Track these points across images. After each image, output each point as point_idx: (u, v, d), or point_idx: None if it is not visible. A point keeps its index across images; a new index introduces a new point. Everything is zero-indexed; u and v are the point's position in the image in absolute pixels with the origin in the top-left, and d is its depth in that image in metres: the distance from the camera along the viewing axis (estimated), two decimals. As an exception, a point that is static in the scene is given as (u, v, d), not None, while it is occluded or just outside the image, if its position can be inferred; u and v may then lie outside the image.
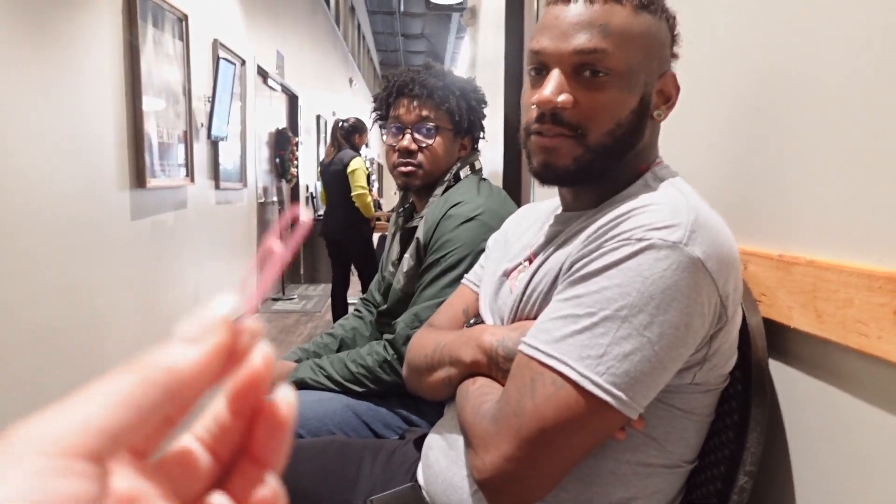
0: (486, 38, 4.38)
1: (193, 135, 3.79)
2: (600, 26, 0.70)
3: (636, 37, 0.71)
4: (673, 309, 0.63)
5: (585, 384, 0.62)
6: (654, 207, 0.66)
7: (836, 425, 0.70)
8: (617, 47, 0.70)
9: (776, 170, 0.81)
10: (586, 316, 0.64)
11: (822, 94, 0.72)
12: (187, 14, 3.60)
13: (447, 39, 14.15)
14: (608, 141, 0.73)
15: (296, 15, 7.00)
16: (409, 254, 1.36)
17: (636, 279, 0.63)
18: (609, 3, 0.71)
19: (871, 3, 0.65)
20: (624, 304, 0.63)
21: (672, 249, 0.63)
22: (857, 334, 0.63)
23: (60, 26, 2.47)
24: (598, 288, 0.64)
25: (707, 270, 0.64)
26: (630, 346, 0.62)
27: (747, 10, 0.89)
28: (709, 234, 0.65)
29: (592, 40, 0.70)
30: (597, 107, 0.72)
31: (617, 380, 0.62)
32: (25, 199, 2.27)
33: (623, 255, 0.64)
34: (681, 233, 0.64)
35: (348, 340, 1.54)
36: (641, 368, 0.62)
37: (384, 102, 1.44)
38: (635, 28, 0.71)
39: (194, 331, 0.23)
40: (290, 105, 6.97)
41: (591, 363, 0.62)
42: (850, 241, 0.67)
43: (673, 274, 0.62)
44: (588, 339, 0.63)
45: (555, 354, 0.64)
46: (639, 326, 0.62)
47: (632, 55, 0.71)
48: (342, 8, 11.20)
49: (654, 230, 0.64)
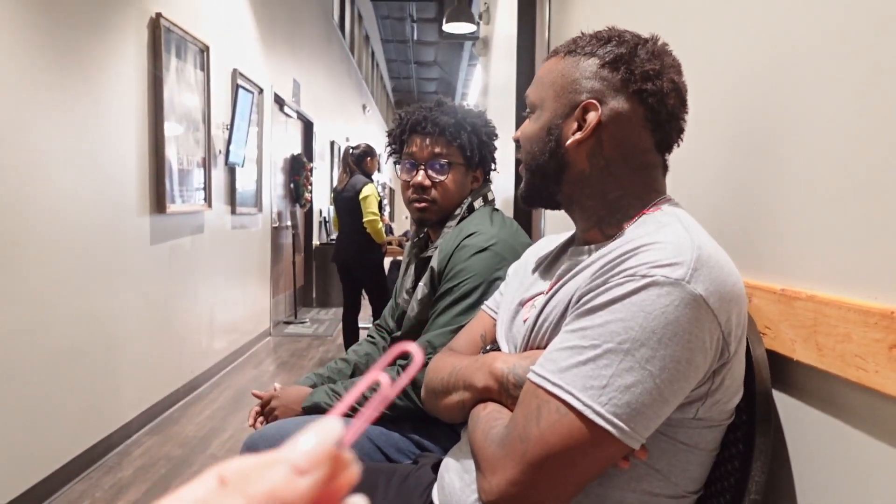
0: (498, 67, 4.47)
1: (212, 161, 3.88)
2: (536, 77, 0.89)
3: (548, 79, 0.86)
4: (674, 344, 0.65)
5: (588, 413, 0.65)
6: (658, 245, 0.70)
7: (839, 456, 0.72)
8: (533, 91, 0.88)
9: (778, 206, 0.84)
10: (591, 348, 0.67)
11: (823, 134, 0.76)
12: (209, 45, 3.71)
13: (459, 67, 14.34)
14: (532, 163, 0.88)
15: (312, 44, 7.15)
16: (424, 282, 1.40)
17: (639, 314, 0.66)
18: (550, 58, 0.88)
19: (872, 37, 0.68)
20: (627, 337, 0.66)
21: (674, 286, 0.66)
22: (856, 368, 0.66)
23: (89, 57, 2.57)
24: (602, 321, 0.68)
25: (709, 307, 0.67)
26: (632, 378, 0.65)
27: (747, 43, 0.93)
28: (711, 272, 0.68)
29: (528, 88, 0.89)
30: (523, 137, 0.89)
31: (618, 410, 0.65)
32: (51, 223, 2.34)
33: (627, 290, 0.67)
34: (683, 270, 0.67)
35: (362, 366, 1.57)
36: (643, 400, 0.65)
37: (398, 139, 1.49)
38: (551, 72, 0.86)
39: (303, 459, 0.22)
40: (305, 131, 7.09)
41: (595, 393, 0.65)
42: (848, 277, 0.70)
43: (675, 310, 0.65)
44: (592, 371, 0.66)
45: (560, 383, 0.67)
46: (641, 360, 0.65)
47: (542, 95, 0.87)
48: (357, 37, 11.42)
49: (657, 267, 0.67)
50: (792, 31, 0.82)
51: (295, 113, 6.44)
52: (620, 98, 0.80)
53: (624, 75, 0.80)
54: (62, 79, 2.40)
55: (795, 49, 0.81)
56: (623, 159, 0.82)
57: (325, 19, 8.02)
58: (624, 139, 0.81)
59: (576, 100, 0.82)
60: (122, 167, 2.84)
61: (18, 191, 2.15)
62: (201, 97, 3.70)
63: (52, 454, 2.39)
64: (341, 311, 4.36)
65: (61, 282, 2.42)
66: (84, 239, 2.56)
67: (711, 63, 1.05)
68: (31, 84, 2.21)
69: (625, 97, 0.80)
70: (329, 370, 1.57)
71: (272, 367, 4.50)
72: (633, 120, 0.80)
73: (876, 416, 0.66)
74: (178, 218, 3.45)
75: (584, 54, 0.83)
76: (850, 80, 0.71)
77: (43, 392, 2.32)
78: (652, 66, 0.80)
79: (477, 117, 1.48)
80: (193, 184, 3.62)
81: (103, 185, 2.70)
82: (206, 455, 2.83)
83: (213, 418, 3.32)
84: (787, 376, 0.82)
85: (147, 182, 3.07)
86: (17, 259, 2.16)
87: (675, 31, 1.17)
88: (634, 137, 0.81)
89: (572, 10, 2.21)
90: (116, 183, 2.80)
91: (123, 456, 2.78)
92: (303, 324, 5.99)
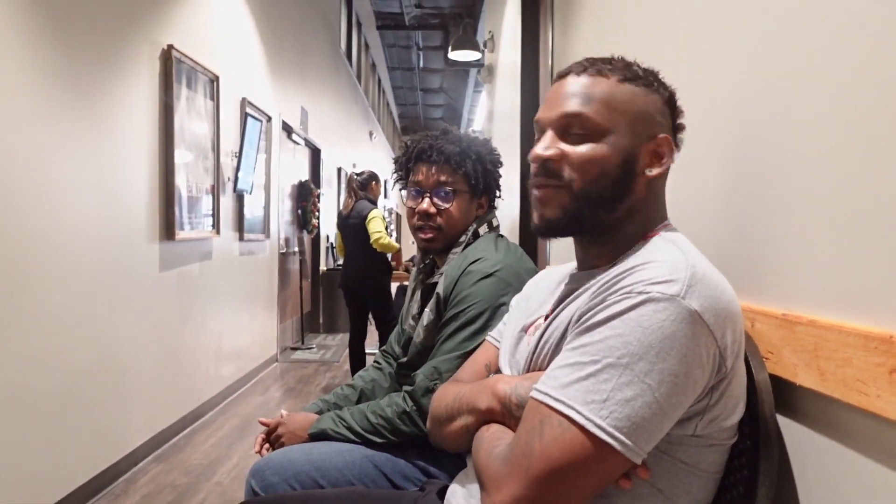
0: (503, 93, 4.52)
1: (220, 188, 3.92)
2: (584, 94, 0.82)
3: (618, 103, 0.81)
4: (672, 357, 0.67)
5: (590, 427, 0.66)
6: (654, 264, 0.72)
7: (843, 481, 0.72)
8: (596, 111, 0.81)
9: (778, 230, 0.85)
10: (591, 363, 0.69)
11: (822, 159, 0.77)
12: (218, 75, 3.79)
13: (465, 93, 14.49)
14: (592, 189, 0.81)
15: (320, 73, 7.27)
16: (430, 308, 1.41)
17: (636, 329, 0.68)
18: (594, 76, 0.83)
19: (873, 56, 0.70)
20: (625, 352, 0.67)
21: (670, 302, 0.68)
22: (858, 392, 0.66)
23: (103, 88, 2.62)
24: (601, 337, 0.69)
25: (704, 322, 0.69)
26: (631, 391, 0.66)
27: (746, 66, 0.95)
28: (706, 289, 0.70)
29: (575, 105, 0.82)
30: (581, 158, 0.81)
31: (619, 423, 0.66)
32: (61, 250, 2.37)
33: (624, 307, 0.69)
34: (678, 287, 0.69)
35: (368, 392, 1.58)
36: (642, 413, 0.66)
37: (404, 167, 1.52)
38: (618, 96, 0.82)
39: None
40: (313, 158, 7.17)
41: (595, 407, 0.67)
42: (848, 301, 0.71)
43: (671, 325, 0.67)
44: (592, 385, 0.68)
45: (562, 399, 0.69)
46: (639, 373, 0.67)
47: (612, 118, 0.81)
48: (363, 65, 11.59)
49: (653, 284, 0.70)
50: (791, 53, 0.84)
51: (303, 140, 6.52)
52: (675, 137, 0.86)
53: (674, 116, 0.86)
54: (76, 109, 2.45)
55: (794, 72, 0.83)
56: (662, 191, 0.86)
57: (333, 48, 8.16)
58: (668, 170, 0.85)
59: (652, 132, 0.82)
60: (132, 195, 2.88)
61: (30, 218, 2.19)
62: (211, 125, 3.76)
63: (60, 481, 2.39)
64: (348, 337, 4.37)
65: (71, 308, 2.45)
66: (94, 266, 2.59)
67: (710, 86, 1.07)
68: (46, 114, 2.26)
69: (673, 136, 0.85)
70: (336, 396, 1.57)
71: (279, 394, 4.49)
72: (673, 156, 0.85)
73: (879, 441, 0.66)
74: (187, 245, 3.48)
75: (645, 86, 0.83)
76: (850, 101, 0.72)
77: (51, 418, 2.33)
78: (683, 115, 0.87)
79: (482, 145, 1.50)
80: (202, 211, 3.66)
81: (114, 213, 2.73)
82: (212, 483, 2.82)
83: (219, 446, 3.31)
84: (791, 401, 0.82)
85: (157, 209, 3.11)
86: (29, 286, 2.19)
87: (673, 56, 1.20)
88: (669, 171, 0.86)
89: (574, 38, 2.25)
90: (127, 210, 2.84)
91: (130, 483, 2.77)
92: (310, 350, 5.99)
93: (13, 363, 2.12)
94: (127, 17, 2.83)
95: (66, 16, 2.38)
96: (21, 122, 2.13)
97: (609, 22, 1.79)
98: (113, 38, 2.71)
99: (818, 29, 0.78)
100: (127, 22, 2.83)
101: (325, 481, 1.29)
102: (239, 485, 2.77)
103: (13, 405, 2.12)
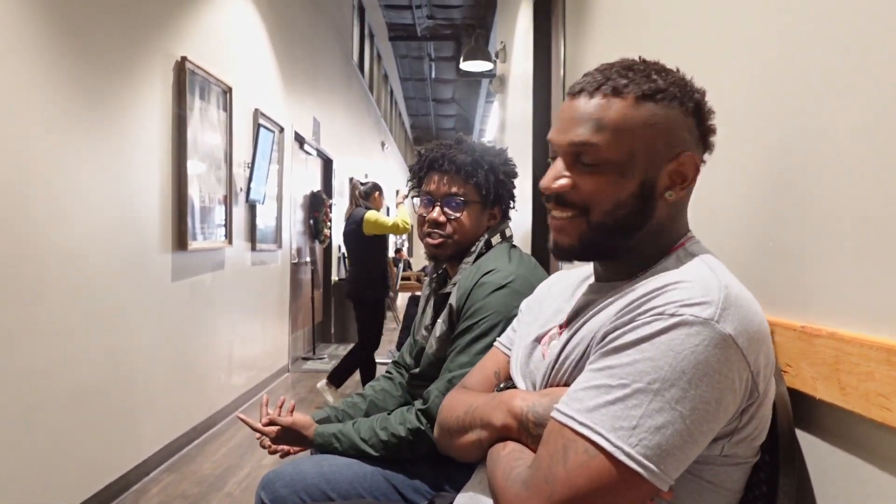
0: (515, 103, 4.52)
1: (233, 198, 3.95)
2: (595, 121, 0.76)
3: (633, 127, 0.76)
4: (704, 384, 0.65)
5: (618, 454, 0.64)
6: (685, 284, 0.69)
7: (864, 498, 0.70)
8: (608, 140, 0.75)
9: (798, 243, 0.84)
10: (619, 387, 0.66)
11: (841, 171, 0.75)
12: (231, 86, 3.82)
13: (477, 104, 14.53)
14: (609, 220, 0.77)
15: (332, 84, 7.31)
16: (442, 319, 1.40)
17: (668, 353, 0.65)
18: (609, 97, 0.76)
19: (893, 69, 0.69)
20: (656, 377, 0.65)
21: (703, 326, 0.65)
22: (880, 407, 0.64)
23: (117, 99, 2.65)
24: (630, 360, 0.67)
25: (738, 347, 0.66)
26: (662, 419, 0.64)
27: (766, 78, 0.94)
28: (739, 311, 0.67)
29: (584, 134, 0.76)
30: (595, 190, 0.77)
31: (649, 451, 0.64)
32: (75, 261, 2.39)
33: (655, 329, 0.67)
34: (712, 310, 0.66)
35: (378, 401, 1.57)
36: (673, 442, 0.64)
37: (417, 175, 1.52)
38: (632, 119, 0.76)
39: None
40: (325, 168, 7.20)
41: (624, 434, 0.64)
42: (869, 314, 0.69)
43: (704, 350, 0.65)
44: (621, 411, 0.65)
45: (588, 423, 0.66)
46: (671, 400, 0.64)
47: (627, 144, 0.76)
48: (376, 75, 11.66)
49: (685, 306, 0.67)
50: (809, 61, 0.83)
51: (315, 150, 6.55)
52: (699, 149, 0.80)
53: (703, 127, 0.80)
54: (91, 121, 2.47)
55: (816, 84, 0.82)
56: (686, 206, 0.82)
57: (345, 60, 8.21)
58: (692, 187, 0.81)
59: (672, 153, 0.77)
60: (145, 205, 2.90)
61: (44, 228, 2.20)
62: (223, 136, 3.79)
63: (71, 491, 2.39)
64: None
65: (84, 318, 2.46)
66: (107, 276, 2.61)
67: (731, 99, 1.06)
68: (61, 126, 2.28)
69: (701, 149, 0.80)
70: (345, 405, 1.57)
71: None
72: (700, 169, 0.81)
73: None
74: (200, 255, 3.50)
75: (668, 99, 0.76)
76: (871, 112, 0.71)
77: (63, 428, 2.34)
78: (714, 116, 0.81)
79: (496, 156, 1.50)
80: (215, 221, 3.68)
81: (127, 223, 2.75)
82: (223, 494, 2.81)
83: (230, 456, 3.30)
84: (811, 415, 0.80)
85: (170, 219, 3.13)
86: (42, 296, 2.20)
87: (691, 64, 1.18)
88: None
89: (586, 48, 2.25)
90: (140, 220, 2.86)
91: (141, 494, 2.77)
92: (321, 360, 5.98)
93: (26, 372, 2.13)
94: (141, 30, 2.86)
95: (81, 29, 2.41)
96: (36, 133, 2.16)
97: (622, 32, 1.78)
98: (127, 50, 2.74)
99: (846, 31, 0.76)
100: (141, 34, 2.86)
101: (336, 494, 1.28)
102: (250, 496, 2.76)
103: (26, 414, 2.13)
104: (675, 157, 0.77)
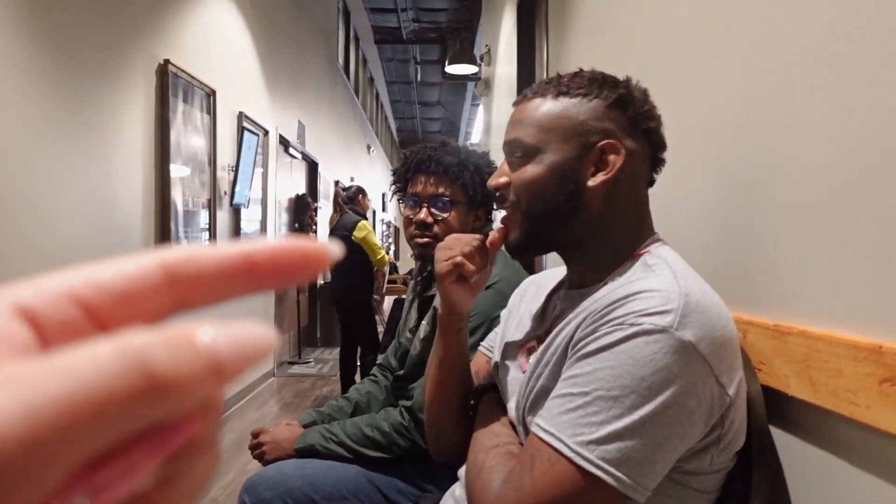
0: (500, 107, 4.54)
1: (217, 202, 3.93)
2: (522, 119, 0.85)
3: (548, 119, 0.82)
4: (664, 390, 0.65)
5: (578, 460, 0.64)
6: (646, 294, 0.70)
7: (837, 493, 0.72)
8: (529, 134, 0.83)
9: (769, 242, 0.86)
10: (580, 395, 0.67)
11: (811, 173, 0.77)
12: (215, 89, 3.80)
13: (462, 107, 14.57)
14: (537, 207, 0.83)
15: (317, 86, 7.30)
16: (427, 321, 1.41)
17: (627, 361, 0.66)
18: (535, 99, 0.84)
19: (865, 78, 0.71)
20: (615, 384, 0.66)
21: (662, 334, 0.66)
22: (849, 403, 0.66)
23: (99, 101, 2.63)
24: (591, 369, 0.68)
25: (699, 353, 0.66)
26: (622, 424, 0.65)
27: (738, 84, 0.96)
28: (700, 318, 0.68)
29: (513, 133, 0.85)
30: (521, 181, 0.83)
31: (608, 456, 0.64)
32: (56, 264, 2.33)
33: (616, 338, 0.68)
34: (671, 318, 0.67)
35: (363, 404, 1.57)
36: (633, 447, 0.64)
37: (403, 177, 1.52)
38: (548, 113, 0.82)
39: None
40: (310, 172, 7.18)
41: (584, 440, 0.65)
42: (838, 312, 0.71)
43: (664, 357, 0.65)
44: (581, 418, 0.66)
45: (552, 431, 0.67)
46: (630, 406, 0.65)
47: (543, 137, 0.82)
48: (361, 79, 11.65)
49: (645, 316, 0.67)
50: (778, 68, 0.85)
51: (300, 154, 6.53)
52: (630, 138, 0.81)
53: (631, 115, 0.81)
54: (73, 123, 2.45)
55: (782, 85, 0.84)
56: (632, 198, 0.83)
57: (331, 62, 8.20)
58: (635, 178, 0.82)
59: (589, 141, 0.80)
60: (128, 209, 2.88)
61: (25, 231, 2.18)
62: (207, 140, 3.77)
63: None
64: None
65: (66, 323, 2.43)
66: (89, 280, 2.58)
67: (702, 99, 1.07)
68: (42, 128, 2.27)
69: (633, 137, 0.82)
70: (330, 408, 1.57)
71: (276, 408, 4.47)
72: (642, 158, 0.82)
73: (870, 452, 0.66)
74: (183, 258, 3.47)
75: (583, 96, 0.81)
76: (837, 114, 0.73)
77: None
78: (648, 105, 0.83)
79: (480, 158, 1.51)
80: (199, 225, 3.66)
81: (109, 227, 2.73)
82: (208, 499, 2.79)
83: (216, 460, 3.28)
84: (783, 412, 0.82)
85: (153, 223, 3.11)
86: (23, 301, 2.18)
87: (666, 69, 1.21)
88: (640, 176, 0.83)
89: (567, 51, 2.27)
90: (122, 224, 2.84)
91: (124, 499, 2.74)
92: (307, 364, 5.96)
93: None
94: (124, 32, 2.84)
95: (63, 30, 2.39)
96: (17, 135, 2.14)
97: (602, 36, 1.80)
98: (110, 52, 2.72)
99: (810, 42, 0.78)
100: (124, 37, 2.84)
101: (319, 496, 1.28)
102: (235, 501, 2.74)
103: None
104: (592, 145, 0.80)
